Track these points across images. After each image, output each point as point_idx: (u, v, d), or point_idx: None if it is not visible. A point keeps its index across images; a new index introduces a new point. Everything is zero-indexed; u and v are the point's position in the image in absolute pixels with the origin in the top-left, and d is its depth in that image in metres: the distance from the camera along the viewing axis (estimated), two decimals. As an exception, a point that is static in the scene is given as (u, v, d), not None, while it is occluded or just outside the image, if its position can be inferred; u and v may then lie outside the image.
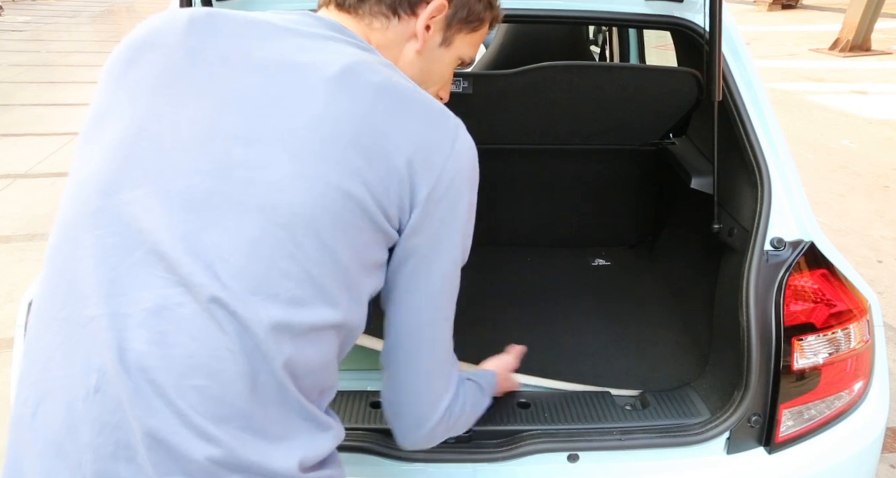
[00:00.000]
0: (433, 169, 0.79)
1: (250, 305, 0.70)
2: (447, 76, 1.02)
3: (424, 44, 0.92)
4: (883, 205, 4.27)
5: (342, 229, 0.74)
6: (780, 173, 1.32)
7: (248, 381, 0.70)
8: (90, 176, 0.76)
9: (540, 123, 1.75)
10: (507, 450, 1.20)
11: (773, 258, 1.25)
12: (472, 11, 0.94)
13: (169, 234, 0.71)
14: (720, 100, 1.34)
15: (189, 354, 0.69)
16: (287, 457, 0.73)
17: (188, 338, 0.69)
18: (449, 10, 0.92)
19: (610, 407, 1.30)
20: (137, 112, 0.76)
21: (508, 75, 1.60)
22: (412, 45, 0.92)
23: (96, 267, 0.72)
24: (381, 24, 0.90)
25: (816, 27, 10.87)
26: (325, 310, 0.75)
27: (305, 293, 0.73)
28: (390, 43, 0.91)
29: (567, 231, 2.18)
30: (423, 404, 0.91)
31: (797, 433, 1.26)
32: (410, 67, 0.93)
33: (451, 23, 0.93)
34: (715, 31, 1.29)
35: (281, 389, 0.73)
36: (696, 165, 1.66)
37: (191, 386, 0.69)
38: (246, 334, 0.70)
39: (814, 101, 6.85)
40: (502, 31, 2.50)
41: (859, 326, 1.26)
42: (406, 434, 0.94)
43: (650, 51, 3.03)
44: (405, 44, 0.92)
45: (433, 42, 0.94)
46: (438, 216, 0.81)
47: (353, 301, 0.79)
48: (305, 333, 0.74)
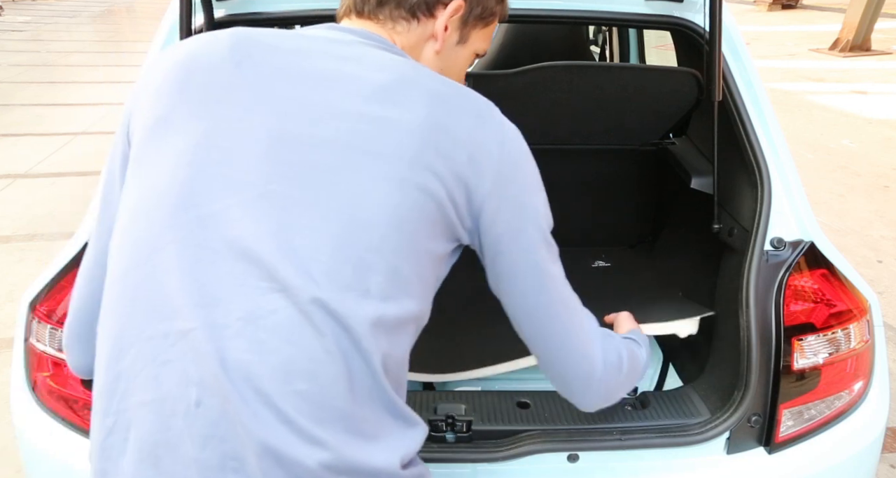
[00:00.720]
0: (491, 164, 0.80)
1: (348, 302, 0.72)
2: (464, 71, 1.04)
3: (443, 44, 0.94)
4: (883, 205, 4.27)
5: (421, 222, 0.76)
6: (780, 173, 1.32)
7: (346, 381, 0.71)
8: (162, 192, 0.75)
9: (540, 123, 1.75)
10: (507, 450, 1.20)
11: (773, 258, 1.25)
12: (486, 7, 0.96)
13: (258, 240, 0.71)
14: (720, 100, 1.34)
15: (288, 359, 0.69)
16: (388, 455, 0.74)
17: (286, 343, 0.70)
18: (465, 9, 0.94)
19: (610, 407, 1.30)
20: (202, 127, 0.77)
21: (508, 75, 1.60)
22: (431, 46, 0.94)
23: (182, 280, 0.71)
24: (403, 28, 0.92)
25: (816, 27, 10.87)
26: (410, 302, 0.77)
27: (393, 287, 0.75)
28: (413, 45, 0.93)
29: (567, 231, 2.17)
30: (583, 366, 0.93)
31: (797, 433, 1.26)
32: (430, 67, 0.94)
33: (467, 21, 0.95)
34: (715, 31, 1.29)
35: (376, 386, 0.74)
36: (696, 165, 1.66)
37: (294, 391, 0.69)
38: (344, 334, 0.71)
39: (814, 101, 6.85)
40: (502, 31, 2.50)
41: (859, 326, 1.26)
42: (584, 400, 0.98)
43: (650, 51, 3.03)
44: (424, 45, 0.94)
45: (451, 41, 0.96)
46: (510, 203, 0.83)
47: (428, 292, 0.82)
48: (396, 326, 0.76)
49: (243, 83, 0.79)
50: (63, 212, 4.11)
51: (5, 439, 2.17)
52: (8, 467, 2.10)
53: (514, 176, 0.83)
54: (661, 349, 1.69)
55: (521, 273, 0.86)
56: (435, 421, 1.22)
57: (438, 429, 1.21)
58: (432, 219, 0.78)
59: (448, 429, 1.22)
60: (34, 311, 1.24)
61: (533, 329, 0.91)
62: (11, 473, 2.09)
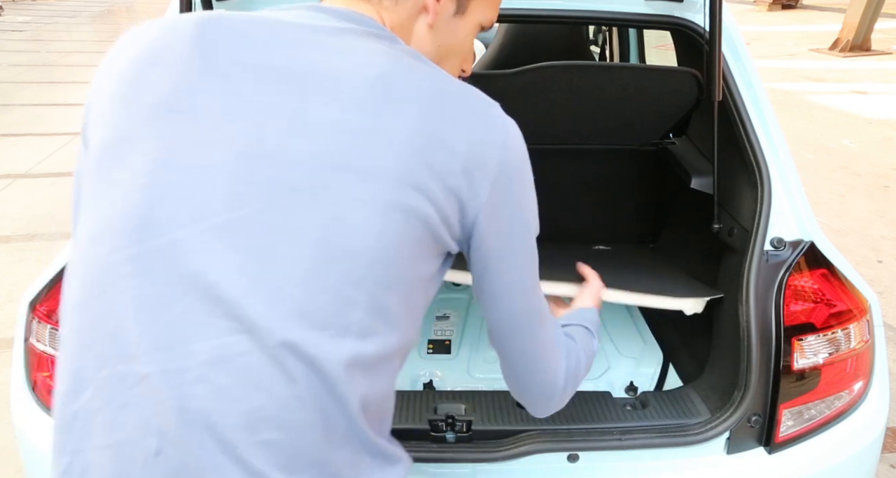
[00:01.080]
0: (489, 171, 0.73)
1: (323, 343, 0.65)
2: (468, 47, 0.92)
3: (436, 16, 0.83)
4: (883, 205, 4.27)
5: (407, 247, 0.69)
6: (780, 173, 1.32)
7: (319, 428, 0.66)
8: (117, 219, 0.67)
9: (540, 122, 1.75)
10: (507, 450, 1.20)
11: (773, 258, 1.25)
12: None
13: (222, 274, 0.64)
14: (720, 100, 1.34)
15: (255, 407, 0.63)
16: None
17: (253, 390, 0.63)
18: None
19: (610, 407, 1.30)
20: (162, 141, 0.67)
21: (508, 75, 1.60)
22: (423, 20, 0.83)
23: (139, 319, 0.64)
24: (391, 2, 0.81)
25: (816, 27, 10.87)
26: (393, 336, 0.71)
27: (375, 322, 0.68)
28: (402, 21, 0.83)
29: (567, 231, 2.18)
30: (547, 376, 0.90)
31: (797, 433, 1.26)
32: (424, 45, 0.85)
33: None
34: (715, 31, 1.29)
35: (352, 428, 0.69)
36: (696, 165, 1.66)
37: (261, 441, 0.63)
38: (317, 379, 0.65)
39: (814, 101, 6.85)
40: (502, 31, 2.50)
41: (859, 326, 1.26)
42: (538, 407, 0.94)
43: (650, 51, 3.03)
44: (416, 19, 0.83)
45: (446, 13, 0.84)
46: (505, 216, 0.77)
47: (414, 319, 0.76)
48: (376, 364, 0.70)
49: (209, 88, 0.69)
50: (63, 212, 4.10)
51: (5, 439, 2.17)
52: (8, 467, 2.10)
53: (512, 185, 0.77)
54: (661, 349, 1.69)
55: (506, 290, 0.82)
56: (435, 421, 1.22)
57: (438, 429, 1.21)
58: (420, 240, 0.70)
59: (448, 429, 1.22)
60: (34, 311, 1.24)
61: (508, 343, 0.87)
62: (11, 473, 2.09)
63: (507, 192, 0.76)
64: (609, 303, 1.91)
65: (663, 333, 1.73)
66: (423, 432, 1.22)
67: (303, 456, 0.65)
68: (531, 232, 0.83)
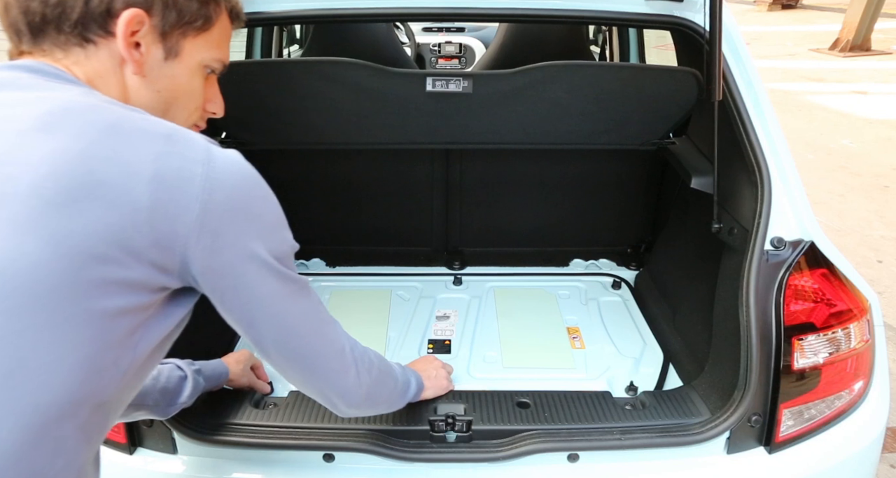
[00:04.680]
0: (188, 202, 0.70)
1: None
2: (196, 90, 0.88)
3: (141, 65, 0.80)
4: (883, 205, 4.27)
5: (69, 278, 0.66)
6: (780, 173, 1.32)
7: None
8: None
9: (540, 122, 1.75)
10: (507, 450, 1.20)
11: (773, 258, 1.25)
12: (184, 11, 0.81)
13: None
14: (720, 100, 1.34)
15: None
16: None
17: None
18: (153, 19, 0.79)
19: (610, 407, 1.30)
20: None
21: (508, 75, 1.60)
22: (129, 70, 0.80)
23: None
24: (78, 56, 0.78)
25: (816, 27, 10.87)
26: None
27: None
28: (101, 73, 0.79)
29: (567, 231, 2.18)
30: (339, 383, 0.96)
31: (797, 433, 1.25)
32: (140, 96, 0.82)
33: (164, 30, 0.81)
34: (715, 31, 1.29)
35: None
36: (696, 165, 1.66)
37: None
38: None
39: (814, 102, 6.85)
40: (502, 31, 2.50)
41: (859, 326, 1.26)
42: (339, 410, 1.02)
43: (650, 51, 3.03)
44: (121, 70, 0.80)
45: (154, 59, 0.81)
46: (223, 255, 0.75)
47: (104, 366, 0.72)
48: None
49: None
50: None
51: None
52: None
53: (225, 214, 0.73)
54: (661, 349, 1.69)
55: (256, 319, 0.83)
56: (435, 421, 1.22)
57: (438, 429, 1.21)
58: (101, 288, 0.67)
59: (448, 429, 1.22)
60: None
61: (287, 371, 0.92)
62: (11, 473, 2.08)
63: (222, 237, 0.74)
64: (610, 304, 1.93)
65: (663, 333, 1.73)
66: (423, 433, 1.22)
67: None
68: (271, 276, 0.81)
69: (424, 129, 1.75)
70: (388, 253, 2.13)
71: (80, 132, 0.68)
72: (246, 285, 0.79)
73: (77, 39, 0.77)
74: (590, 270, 2.15)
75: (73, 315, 0.67)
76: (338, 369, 0.95)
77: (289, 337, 0.87)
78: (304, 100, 1.66)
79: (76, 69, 0.78)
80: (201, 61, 0.86)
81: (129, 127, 0.71)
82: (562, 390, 1.37)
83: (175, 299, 0.79)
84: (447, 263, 2.12)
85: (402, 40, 3.49)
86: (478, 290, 2.01)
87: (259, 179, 0.79)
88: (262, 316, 0.83)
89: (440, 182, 2.08)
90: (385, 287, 2.00)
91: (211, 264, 0.75)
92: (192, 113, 0.90)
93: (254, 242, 0.77)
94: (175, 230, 0.70)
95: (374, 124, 1.75)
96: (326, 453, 1.22)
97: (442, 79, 1.59)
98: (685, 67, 1.62)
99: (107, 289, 0.68)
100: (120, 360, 0.73)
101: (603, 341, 1.73)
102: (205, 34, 0.85)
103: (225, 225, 0.74)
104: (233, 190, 0.74)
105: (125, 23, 0.77)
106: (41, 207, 0.65)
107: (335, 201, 2.11)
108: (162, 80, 0.83)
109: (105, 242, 0.67)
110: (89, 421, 0.73)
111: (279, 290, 0.82)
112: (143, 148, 0.70)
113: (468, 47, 3.65)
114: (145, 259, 0.70)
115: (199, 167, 0.72)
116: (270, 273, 0.80)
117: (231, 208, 0.74)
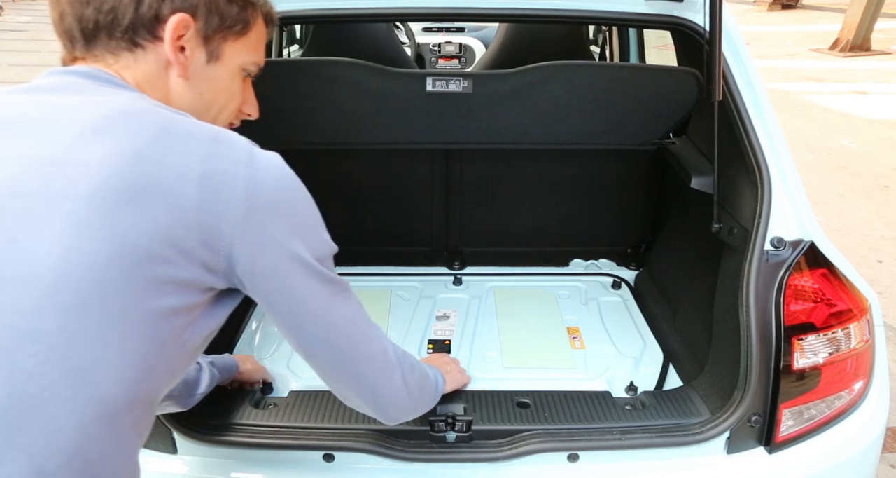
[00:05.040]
0: (233, 203, 0.73)
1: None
2: (236, 92, 0.93)
3: (186, 68, 0.84)
4: (883, 205, 4.27)
5: (126, 296, 0.68)
6: (780, 173, 1.32)
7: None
8: None
9: (540, 122, 1.75)
10: (507, 450, 1.20)
11: (773, 258, 1.25)
12: (226, 16, 0.85)
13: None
14: (720, 100, 1.34)
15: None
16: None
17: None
18: (198, 23, 0.83)
19: (610, 407, 1.30)
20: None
21: (508, 75, 1.60)
22: (174, 73, 0.84)
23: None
24: (127, 61, 0.82)
25: (816, 27, 10.87)
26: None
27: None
28: (149, 77, 0.83)
29: (567, 230, 2.18)
30: (384, 393, 0.96)
31: (797, 433, 1.25)
32: (183, 98, 0.86)
33: (207, 35, 0.84)
34: (715, 31, 1.29)
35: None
36: (696, 165, 1.66)
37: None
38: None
39: (814, 102, 6.85)
40: (502, 31, 2.50)
41: (859, 326, 1.26)
42: (388, 414, 1.00)
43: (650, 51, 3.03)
44: (167, 73, 0.84)
45: (197, 62, 0.85)
46: (267, 256, 0.77)
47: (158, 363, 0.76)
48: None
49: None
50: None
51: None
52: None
53: (268, 215, 0.76)
54: (661, 349, 1.69)
55: (303, 321, 0.84)
56: (435, 421, 1.22)
57: (438, 429, 1.21)
58: (154, 286, 0.70)
59: (448, 429, 1.22)
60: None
61: (330, 375, 0.92)
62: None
63: (265, 235, 0.76)
64: (610, 304, 1.92)
65: (663, 333, 1.73)
66: (423, 432, 1.22)
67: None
68: (313, 278, 0.83)
69: (424, 129, 1.75)
70: (388, 253, 2.13)
71: (134, 135, 0.71)
72: (290, 287, 0.81)
73: (127, 44, 0.81)
74: (590, 270, 2.15)
75: (131, 314, 0.69)
76: (384, 370, 0.95)
77: (335, 339, 0.88)
78: (304, 100, 1.66)
79: (126, 73, 0.82)
80: (240, 64, 0.90)
81: (179, 129, 0.74)
82: (562, 390, 1.37)
83: (219, 300, 0.81)
84: (447, 263, 2.12)
85: (402, 40, 3.49)
86: (478, 290, 2.01)
87: (299, 181, 0.82)
88: (309, 318, 0.84)
89: (440, 182, 2.08)
90: (385, 287, 2.00)
91: (255, 266, 0.77)
92: (231, 114, 0.94)
93: (295, 244, 0.80)
94: (221, 230, 0.73)
95: (373, 124, 1.75)
96: (326, 453, 1.22)
97: (442, 79, 1.59)
98: (685, 67, 1.62)
99: (161, 288, 0.70)
100: (171, 359, 0.76)
101: (603, 341, 1.74)
102: (243, 38, 0.89)
103: (268, 226, 0.76)
104: (275, 192, 0.77)
105: (173, 27, 0.80)
106: (100, 208, 0.67)
107: (335, 201, 2.11)
108: (204, 82, 0.87)
109: (159, 241, 0.69)
110: (142, 418, 0.76)
111: (322, 291, 0.84)
112: (191, 150, 0.72)
113: (468, 47, 3.65)
114: (196, 259, 0.72)
115: (243, 169, 0.74)
116: (313, 274, 0.82)
117: (273, 210, 0.76)
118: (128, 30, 0.80)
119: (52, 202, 0.67)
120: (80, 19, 0.80)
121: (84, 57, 0.82)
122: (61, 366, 0.66)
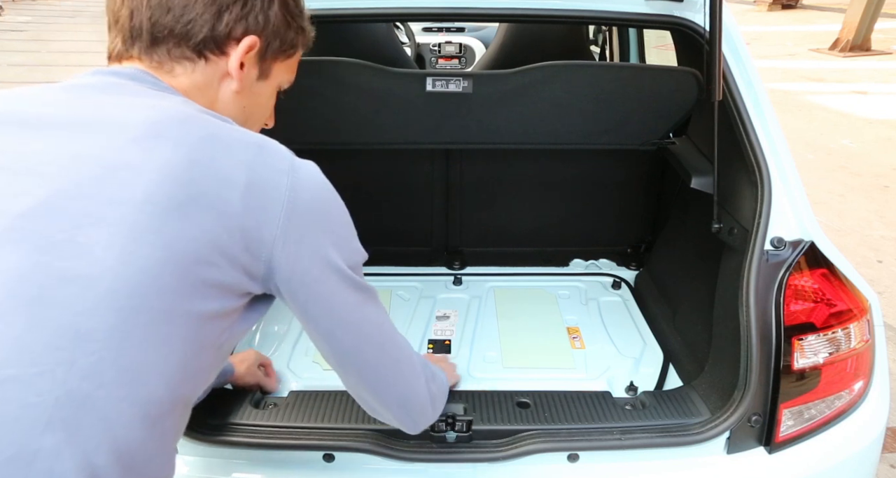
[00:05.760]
0: (275, 210, 0.75)
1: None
2: (270, 107, 0.99)
3: (242, 83, 0.88)
4: (883, 205, 4.27)
5: (180, 301, 0.70)
6: (780, 173, 1.32)
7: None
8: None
9: (540, 122, 1.75)
10: (507, 450, 1.20)
11: (773, 258, 1.25)
12: (286, 40, 0.91)
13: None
14: (720, 100, 1.34)
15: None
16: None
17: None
18: (262, 44, 0.87)
19: (610, 407, 1.30)
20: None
21: (508, 75, 1.60)
22: (228, 86, 0.87)
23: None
24: (185, 69, 0.84)
25: (816, 27, 10.87)
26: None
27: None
28: (200, 86, 0.86)
29: (567, 230, 2.19)
30: (412, 400, 0.97)
31: (797, 433, 1.25)
32: (230, 108, 0.89)
33: (265, 55, 0.89)
34: (715, 31, 1.29)
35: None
36: (696, 165, 1.66)
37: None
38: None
39: (814, 102, 6.85)
40: (502, 31, 2.50)
41: (859, 326, 1.26)
42: (415, 422, 1.03)
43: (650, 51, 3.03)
44: (219, 84, 0.87)
45: (250, 78, 0.89)
46: (304, 263, 0.79)
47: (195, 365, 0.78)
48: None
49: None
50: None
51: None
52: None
53: (307, 223, 0.78)
54: (661, 349, 1.69)
55: (336, 328, 0.86)
56: (435, 421, 1.22)
57: (438, 429, 1.21)
58: (200, 292, 0.71)
59: (448, 429, 1.22)
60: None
61: (355, 381, 0.93)
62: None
63: (304, 240, 0.78)
64: (610, 304, 1.92)
65: (663, 333, 1.73)
66: (423, 432, 1.22)
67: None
68: (345, 285, 0.85)
69: (424, 129, 1.75)
70: (387, 253, 2.13)
71: (183, 141, 0.72)
72: (325, 294, 0.83)
73: (192, 54, 0.83)
74: (590, 270, 2.15)
75: (177, 317, 0.71)
76: (410, 377, 0.97)
77: (366, 345, 0.89)
78: (303, 100, 1.66)
79: (174, 80, 0.84)
80: (280, 82, 0.96)
81: (226, 136, 0.76)
82: (562, 390, 1.37)
83: (253, 305, 0.83)
84: (447, 263, 2.12)
85: (402, 40, 3.49)
86: (478, 290, 2.01)
87: (334, 190, 0.84)
88: (342, 325, 0.86)
89: (440, 182, 2.08)
90: (385, 287, 2.00)
91: (293, 272, 0.79)
92: (258, 126, 0.99)
93: (331, 251, 0.82)
94: (262, 237, 0.75)
95: (374, 124, 1.75)
96: (326, 453, 1.22)
97: (442, 79, 1.59)
98: (685, 67, 1.62)
99: (206, 292, 0.72)
100: (208, 361, 0.79)
101: (603, 341, 1.73)
102: (289, 60, 0.94)
103: (307, 234, 0.78)
104: (313, 201, 0.79)
105: (245, 47, 0.85)
106: (153, 212, 0.68)
107: None
108: (250, 96, 0.91)
109: (207, 246, 0.71)
110: (180, 419, 0.79)
111: (355, 298, 0.86)
112: (237, 156, 0.74)
113: (468, 47, 3.65)
114: (238, 264, 0.74)
115: (285, 177, 0.77)
116: (346, 282, 0.84)
117: (312, 218, 0.79)
118: (200, 43, 0.82)
119: (108, 205, 0.68)
120: (155, 24, 0.82)
121: (140, 58, 0.83)
122: (115, 365, 0.67)
